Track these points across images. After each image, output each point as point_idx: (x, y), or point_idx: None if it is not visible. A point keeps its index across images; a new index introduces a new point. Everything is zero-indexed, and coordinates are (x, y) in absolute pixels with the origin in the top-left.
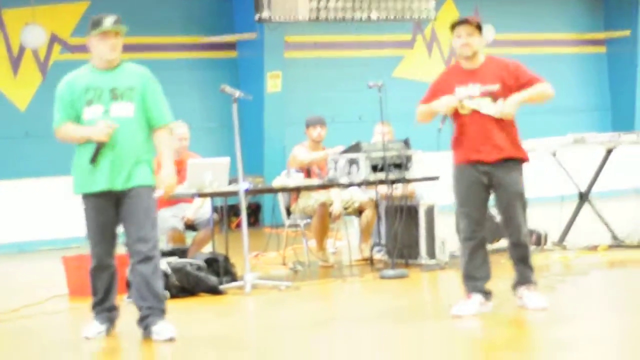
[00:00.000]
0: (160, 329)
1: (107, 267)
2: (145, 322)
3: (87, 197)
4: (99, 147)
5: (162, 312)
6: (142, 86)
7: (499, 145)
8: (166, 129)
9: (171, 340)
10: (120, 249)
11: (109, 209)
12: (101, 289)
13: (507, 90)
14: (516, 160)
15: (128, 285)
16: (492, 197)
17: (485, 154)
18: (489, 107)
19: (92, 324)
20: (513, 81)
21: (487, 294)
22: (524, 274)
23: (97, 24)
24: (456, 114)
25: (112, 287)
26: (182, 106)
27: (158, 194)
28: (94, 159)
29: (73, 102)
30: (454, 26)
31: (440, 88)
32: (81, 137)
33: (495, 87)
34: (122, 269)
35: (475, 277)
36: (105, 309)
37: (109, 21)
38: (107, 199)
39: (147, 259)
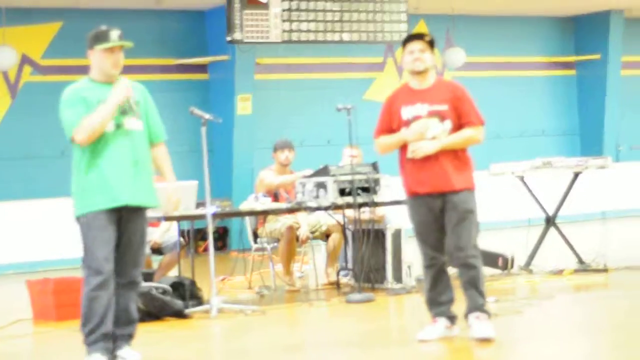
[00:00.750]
0: (127, 354)
1: (110, 287)
2: (113, 346)
3: (98, 214)
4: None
5: (130, 337)
6: (144, 101)
7: (447, 177)
8: (163, 145)
9: None
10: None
11: (115, 225)
12: (99, 312)
13: (455, 111)
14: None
15: None
16: None
17: (434, 186)
18: (435, 128)
19: (93, 357)
20: (458, 108)
21: (451, 318)
22: (474, 300)
23: (102, 38)
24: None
25: (109, 310)
26: None
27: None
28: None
29: (88, 109)
30: (405, 42)
31: (389, 112)
32: (105, 113)
33: (443, 107)
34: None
35: (438, 302)
36: (102, 336)
37: (115, 35)
38: (117, 215)
39: (135, 284)
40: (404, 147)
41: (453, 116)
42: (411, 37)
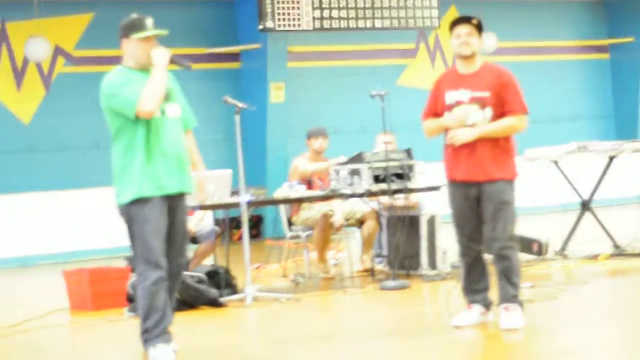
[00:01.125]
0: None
1: (165, 280)
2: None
3: (148, 200)
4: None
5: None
6: (176, 87)
7: (484, 166)
8: (192, 132)
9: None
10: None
11: (166, 215)
12: (161, 306)
13: (497, 98)
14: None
15: (129, 298)
16: None
17: (470, 175)
18: (475, 116)
19: (159, 348)
20: (501, 94)
21: (487, 305)
22: (505, 290)
23: (138, 27)
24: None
25: (168, 304)
26: None
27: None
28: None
29: (136, 88)
30: (453, 25)
31: (436, 96)
32: (159, 78)
33: (485, 94)
34: (121, 282)
35: (474, 290)
36: (164, 329)
37: (150, 24)
38: (167, 203)
39: (181, 274)
40: (447, 132)
41: (495, 103)
42: (459, 20)
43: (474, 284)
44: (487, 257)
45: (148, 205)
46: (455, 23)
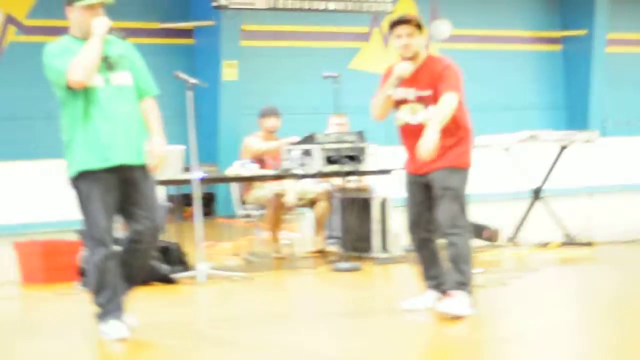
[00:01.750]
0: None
1: (114, 256)
2: None
3: (92, 174)
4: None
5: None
6: (129, 54)
7: (438, 153)
8: (153, 99)
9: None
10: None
11: (116, 188)
12: (112, 282)
13: (437, 93)
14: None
15: (81, 272)
16: None
17: (418, 168)
18: (421, 115)
19: (111, 324)
20: (438, 87)
21: (444, 291)
22: (450, 277)
23: None
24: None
25: (119, 278)
26: None
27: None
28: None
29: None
30: (393, 25)
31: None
32: (93, 47)
33: (427, 92)
34: (73, 255)
35: (426, 276)
36: (118, 304)
37: None
38: (115, 176)
39: (152, 237)
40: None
41: (436, 99)
42: (398, 21)
43: (425, 270)
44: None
45: (92, 178)
46: (395, 24)
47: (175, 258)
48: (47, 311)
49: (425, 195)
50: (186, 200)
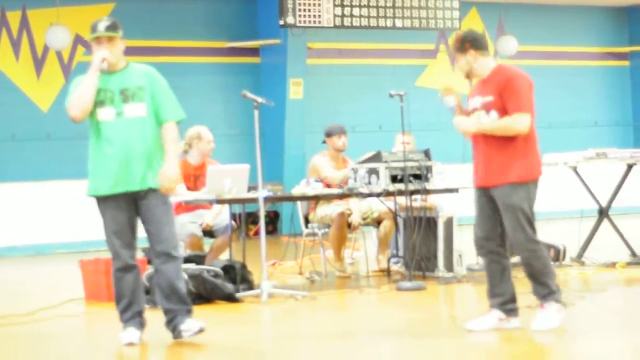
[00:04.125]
0: (189, 325)
1: (132, 268)
2: (173, 324)
3: (104, 198)
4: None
5: (189, 312)
6: (150, 85)
7: (490, 172)
8: (173, 124)
9: (201, 330)
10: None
11: (128, 208)
12: (127, 292)
13: (500, 101)
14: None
15: (145, 290)
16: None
17: (481, 181)
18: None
19: (127, 331)
20: (503, 97)
21: (508, 311)
22: (535, 290)
23: (92, 29)
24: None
25: (138, 289)
26: (205, 111)
27: (176, 198)
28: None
29: None
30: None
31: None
32: (86, 82)
33: (489, 98)
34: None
35: (492, 293)
36: (135, 313)
37: (101, 26)
38: (125, 198)
39: (170, 259)
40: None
41: (499, 107)
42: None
43: (492, 286)
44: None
45: (103, 202)
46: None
47: (239, 276)
48: (111, 328)
49: (493, 209)
50: (251, 218)
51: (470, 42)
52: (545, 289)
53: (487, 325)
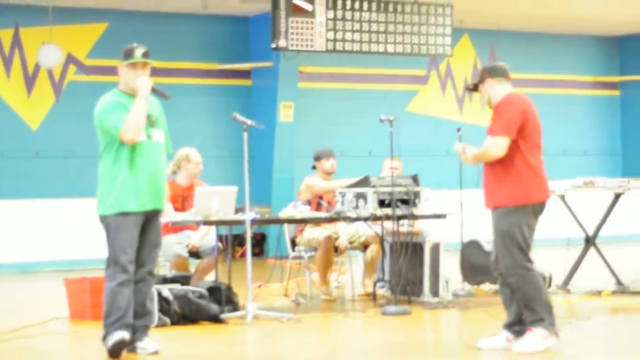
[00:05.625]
0: (146, 345)
1: (132, 284)
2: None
3: (126, 214)
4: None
5: (147, 328)
6: (162, 115)
7: (490, 193)
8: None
9: (156, 353)
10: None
11: (141, 226)
12: (123, 305)
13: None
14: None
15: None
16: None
17: (484, 203)
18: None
19: (115, 333)
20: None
21: (515, 332)
22: (524, 315)
23: (128, 54)
24: None
25: (131, 305)
26: (195, 132)
27: (163, 219)
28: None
29: (126, 112)
30: None
31: None
32: (140, 107)
33: (490, 124)
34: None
35: (507, 312)
36: (124, 325)
37: (138, 52)
38: (142, 217)
39: (151, 278)
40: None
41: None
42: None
43: (505, 308)
44: None
45: (127, 218)
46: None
47: (224, 297)
48: (95, 347)
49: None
50: (238, 240)
51: (487, 72)
52: (534, 315)
53: (496, 345)
